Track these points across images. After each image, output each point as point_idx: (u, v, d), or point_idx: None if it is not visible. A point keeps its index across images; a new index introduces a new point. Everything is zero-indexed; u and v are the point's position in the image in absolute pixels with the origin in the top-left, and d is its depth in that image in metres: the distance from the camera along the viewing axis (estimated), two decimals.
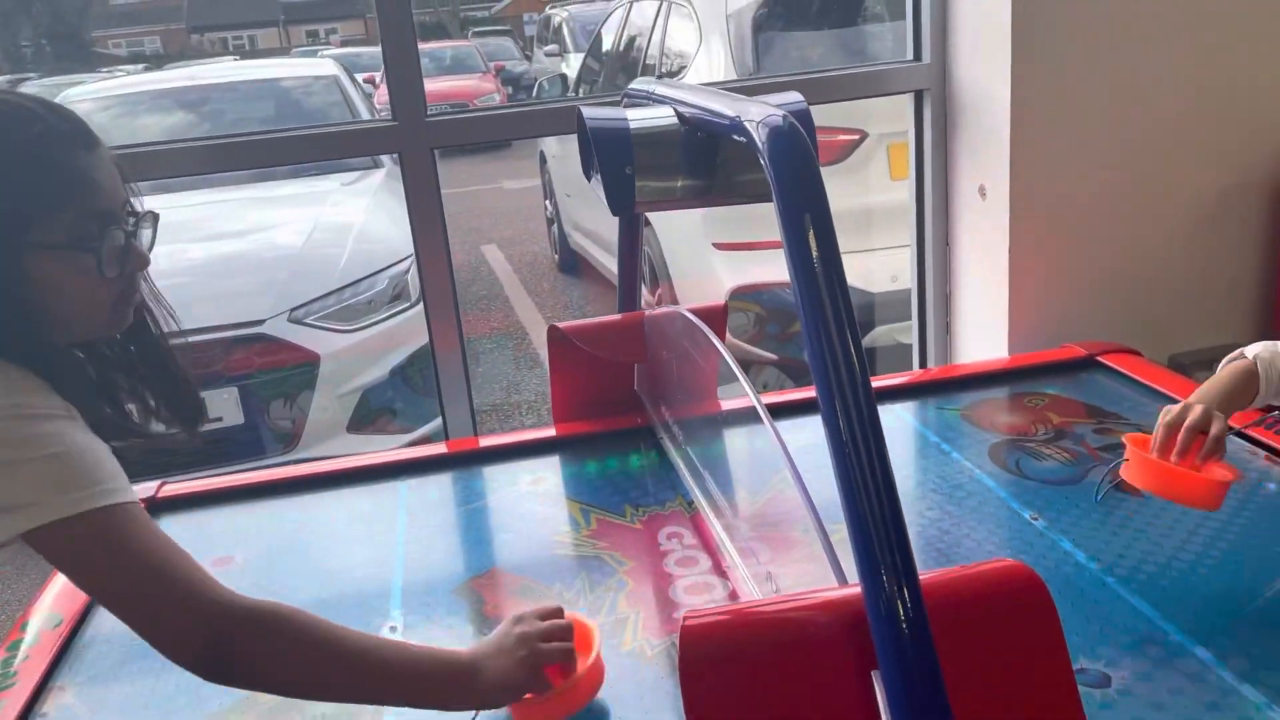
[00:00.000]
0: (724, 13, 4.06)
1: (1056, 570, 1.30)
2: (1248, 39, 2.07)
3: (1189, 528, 1.36)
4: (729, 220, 3.91)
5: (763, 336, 3.77)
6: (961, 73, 2.17)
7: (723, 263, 3.90)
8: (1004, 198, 2.09)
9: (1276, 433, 1.56)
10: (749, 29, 3.94)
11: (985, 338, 2.26)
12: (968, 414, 1.82)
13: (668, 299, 4.38)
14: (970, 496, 1.51)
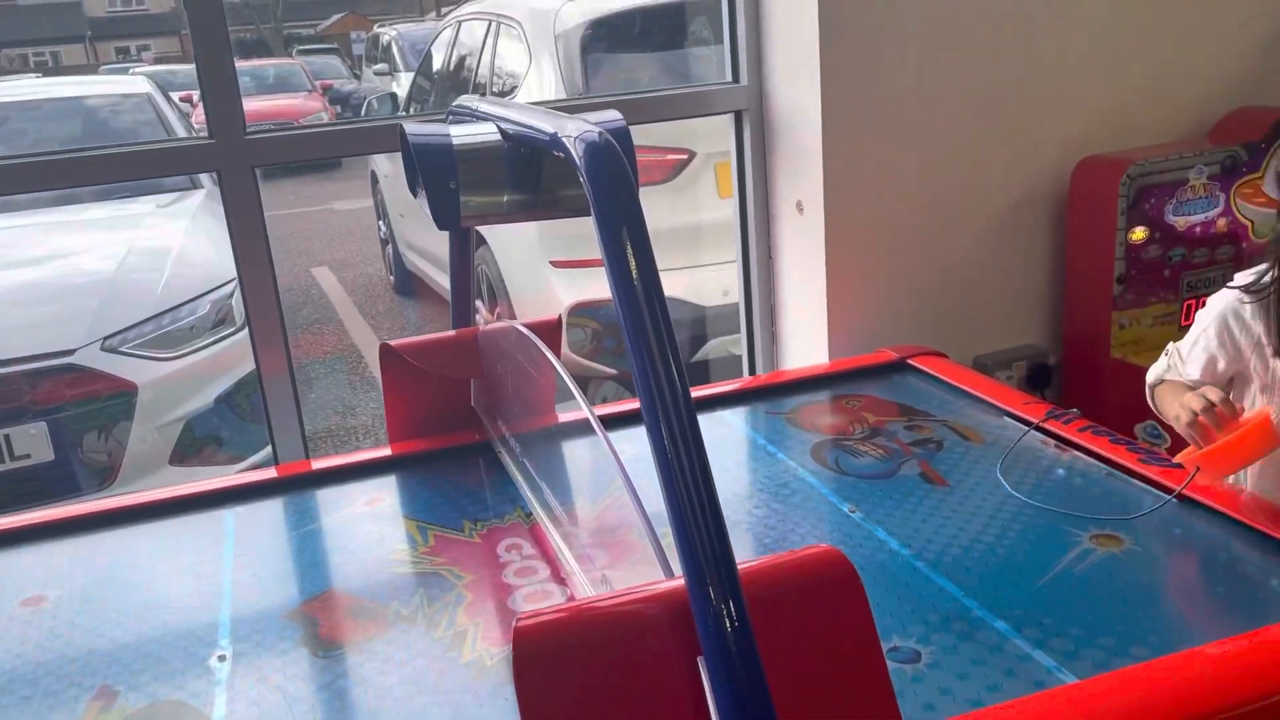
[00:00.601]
0: (552, 34, 4.12)
1: (872, 558, 1.39)
2: (1036, 66, 2.26)
3: (989, 513, 1.48)
4: (565, 238, 3.95)
5: (600, 351, 3.83)
6: (777, 94, 2.28)
7: (560, 280, 3.94)
8: (819, 213, 2.20)
9: (1064, 423, 1.71)
10: (577, 50, 4.00)
11: (808, 345, 2.37)
12: (792, 417, 1.91)
13: (506, 317, 4.39)
14: (795, 494, 1.59)
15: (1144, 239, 2.19)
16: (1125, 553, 1.35)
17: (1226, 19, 2.39)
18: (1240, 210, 2.24)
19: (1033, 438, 1.71)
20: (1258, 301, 1.48)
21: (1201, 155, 2.19)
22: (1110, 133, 2.33)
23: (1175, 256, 2.22)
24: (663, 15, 4.25)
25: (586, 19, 4.02)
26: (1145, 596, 1.27)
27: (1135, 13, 2.31)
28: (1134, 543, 1.37)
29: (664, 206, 3.88)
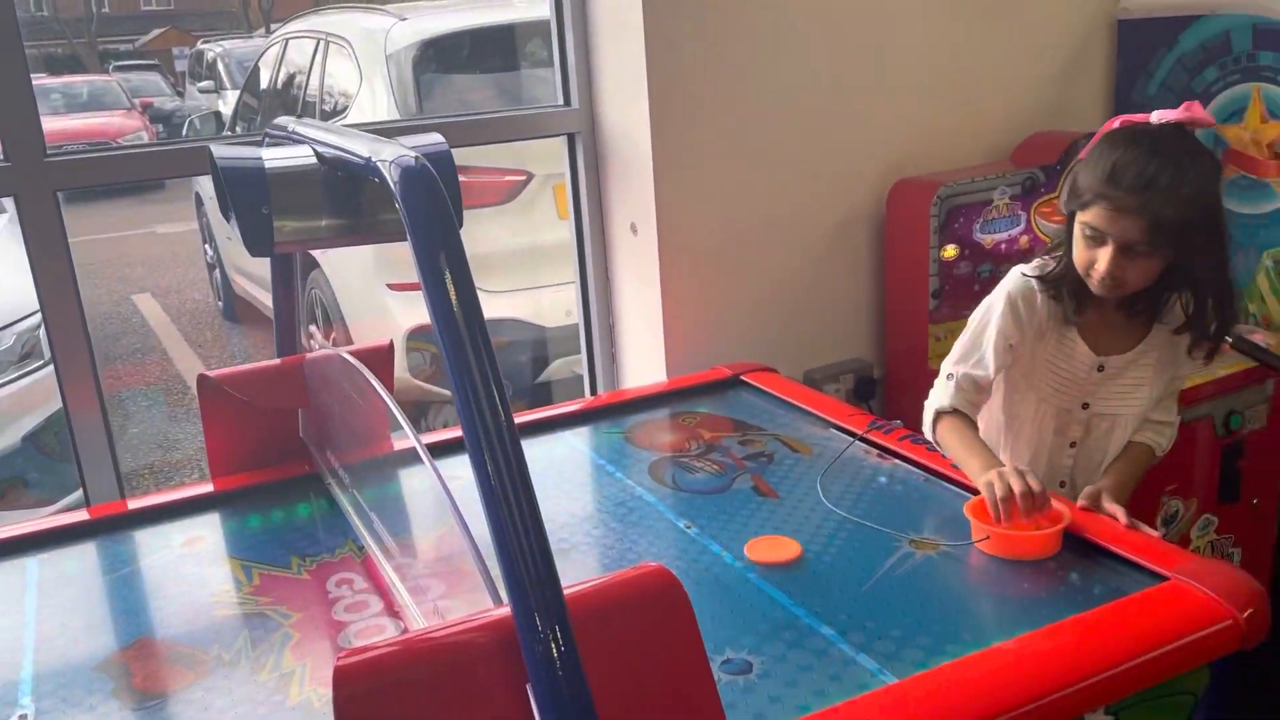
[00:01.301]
0: (383, 54, 4.04)
1: (707, 571, 1.41)
2: (854, 92, 2.36)
3: (816, 522, 1.53)
4: (403, 261, 3.87)
5: (441, 375, 3.77)
6: (608, 117, 2.31)
7: (398, 303, 3.86)
8: (653, 234, 2.24)
9: (885, 432, 1.79)
10: (410, 71, 3.95)
11: (647, 364, 2.40)
12: (631, 436, 1.93)
13: (342, 342, 4.26)
14: (633, 513, 1.60)
15: (955, 256, 2.32)
16: (942, 555, 1.42)
17: (1026, 48, 2.57)
18: (1039, 228, 2.41)
19: (858, 448, 1.78)
20: (1045, 290, 1.60)
21: (1004, 177, 2.34)
22: (922, 156, 2.47)
23: (984, 271, 2.36)
24: (497, 36, 4.23)
25: (418, 39, 3.97)
26: (959, 596, 1.34)
27: (944, 42, 2.45)
28: (948, 546, 1.44)
29: (503, 228, 3.87)
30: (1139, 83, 2.60)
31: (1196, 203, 1.42)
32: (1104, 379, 1.62)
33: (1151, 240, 1.44)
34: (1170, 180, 1.41)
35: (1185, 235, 1.43)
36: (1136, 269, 1.48)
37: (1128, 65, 2.63)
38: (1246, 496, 2.28)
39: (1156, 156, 1.43)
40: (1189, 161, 1.43)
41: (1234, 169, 2.43)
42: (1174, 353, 1.60)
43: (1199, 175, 1.43)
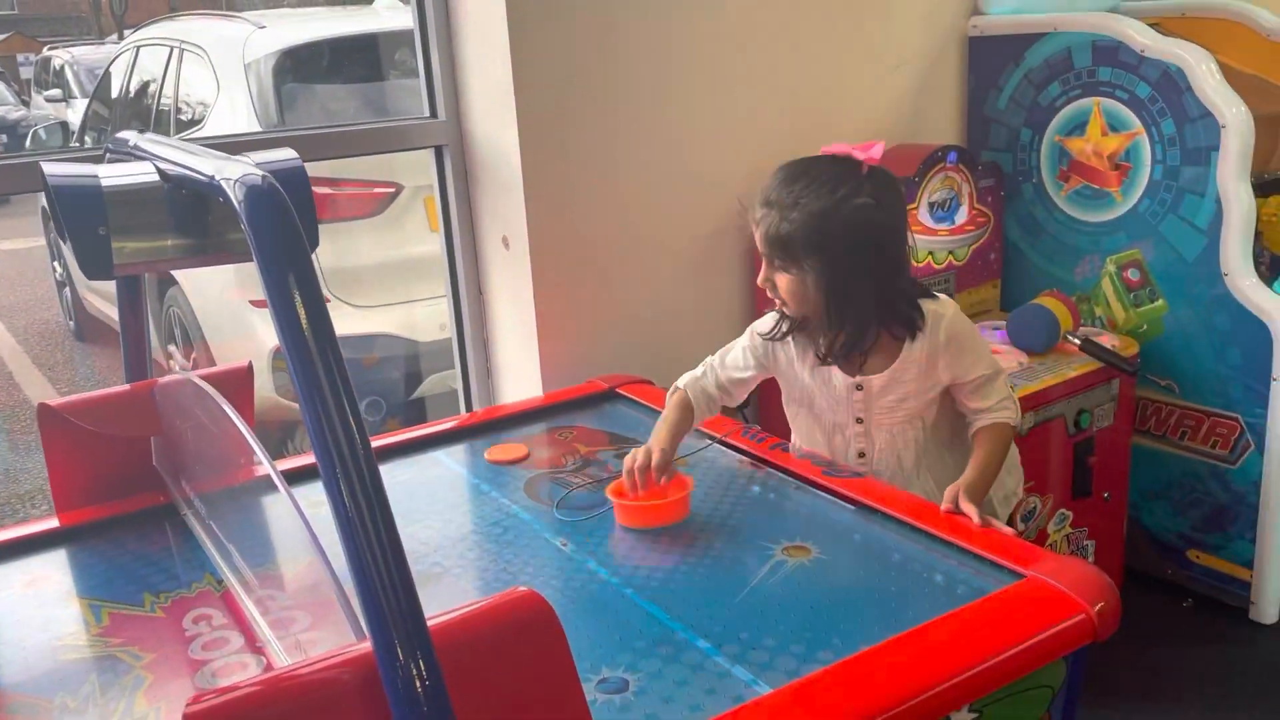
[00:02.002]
0: (241, 63, 3.90)
1: (584, 589, 1.40)
2: (715, 107, 2.39)
3: (693, 533, 1.53)
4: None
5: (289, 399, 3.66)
6: (476, 129, 2.28)
7: (262, 321, 3.72)
8: (524, 248, 2.22)
9: (757, 441, 1.81)
10: (270, 81, 3.82)
11: (523, 378, 2.37)
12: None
13: (204, 362, 4.09)
14: (508, 532, 1.58)
15: None
16: (813, 561, 1.44)
17: (881, 63, 2.66)
18: None
19: (732, 458, 1.80)
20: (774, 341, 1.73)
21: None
22: None
23: None
24: (363, 46, 4.14)
25: (278, 48, 3.84)
26: (831, 602, 1.36)
27: (801, 56, 2.51)
28: (821, 551, 1.47)
29: (373, 241, 3.78)
30: (989, 97, 2.72)
31: (809, 223, 1.53)
32: (867, 397, 1.67)
33: (768, 252, 1.59)
34: (788, 199, 1.56)
35: (795, 249, 1.55)
36: (782, 284, 1.60)
37: (979, 81, 2.74)
38: (1098, 491, 2.40)
39: (789, 180, 1.58)
40: (819, 187, 1.55)
41: (1078, 179, 2.57)
42: (932, 364, 1.64)
43: (822, 198, 1.54)
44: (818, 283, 1.57)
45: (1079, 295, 2.62)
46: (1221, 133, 2.26)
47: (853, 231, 1.55)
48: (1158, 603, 2.60)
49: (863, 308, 1.60)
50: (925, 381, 1.66)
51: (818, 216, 1.54)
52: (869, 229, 1.56)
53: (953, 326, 1.64)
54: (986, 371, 1.68)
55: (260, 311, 3.74)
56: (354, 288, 3.73)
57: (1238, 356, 2.35)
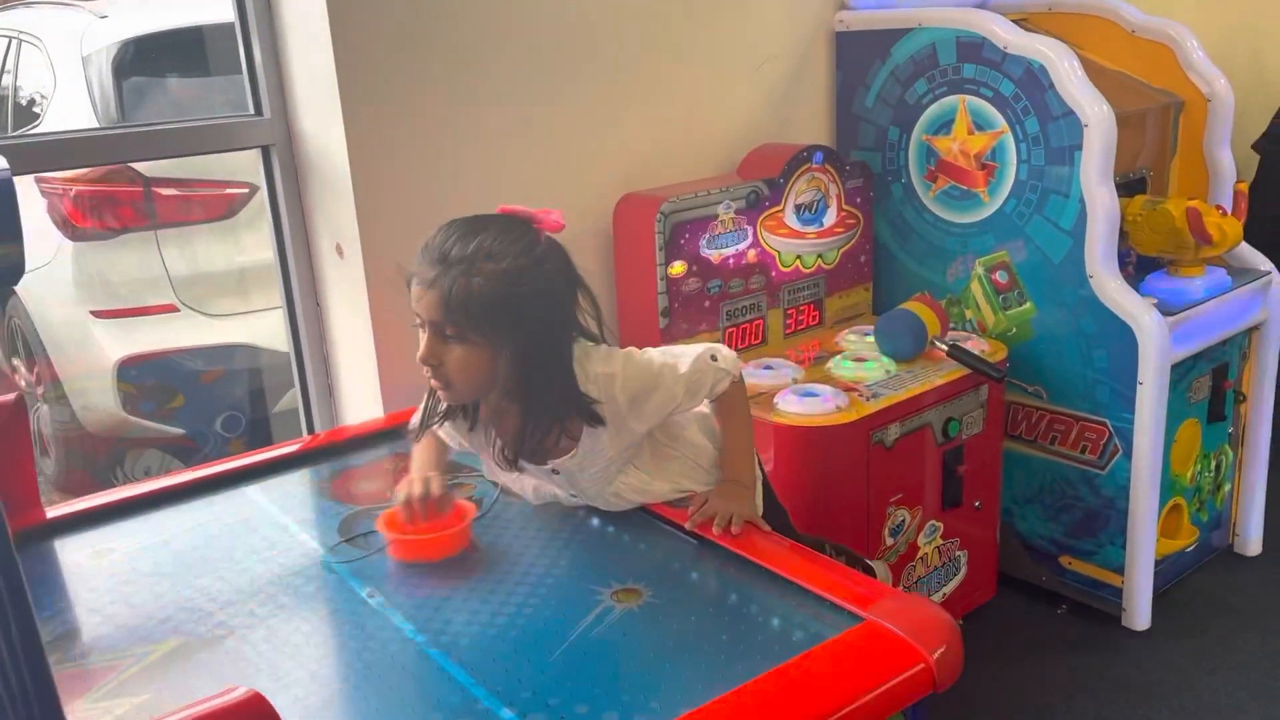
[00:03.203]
0: (79, 55, 3.62)
1: (383, 652, 1.25)
2: (569, 101, 2.25)
3: (515, 579, 1.39)
4: (107, 284, 3.49)
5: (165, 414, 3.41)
6: (305, 128, 2.10)
7: (106, 332, 3.47)
8: (359, 256, 2.04)
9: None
10: (109, 74, 3.54)
11: (366, 397, 2.20)
12: (327, 485, 1.74)
13: (46, 377, 3.80)
14: (310, 582, 1.41)
15: (683, 272, 2.25)
16: (643, 607, 1.32)
17: (748, 60, 2.55)
18: (767, 242, 2.38)
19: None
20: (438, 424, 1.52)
21: (728, 191, 2.29)
22: (649, 170, 2.39)
23: (713, 288, 2.31)
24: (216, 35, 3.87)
25: (119, 39, 3.57)
26: (657, 654, 1.24)
27: (665, 52, 2.39)
28: (652, 595, 1.34)
29: (226, 245, 3.55)
30: (858, 95, 2.64)
31: (504, 282, 1.31)
32: (568, 477, 1.50)
33: (442, 318, 1.32)
34: (473, 253, 1.32)
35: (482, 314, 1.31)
36: (456, 360, 1.34)
37: (847, 78, 2.66)
38: (968, 500, 2.34)
39: (470, 233, 1.35)
40: (510, 244, 1.34)
41: (945, 179, 2.50)
42: (620, 425, 1.45)
43: (517, 257, 1.33)
44: (509, 356, 1.34)
45: (950, 298, 2.56)
46: (1084, 131, 2.20)
47: (549, 295, 1.36)
48: (1032, 610, 2.56)
49: (557, 389, 1.39)
50: (623, 441, 1.47)
51: (515, 274, 1.32)
52: (559, 296, 1.38)
53: (628, 385, 1.43)
54: (681, 384, 1.48)
55: (103, 323, 3.48)
56: (207, 296, 3.50)
57: (1104, 360, 2.31)
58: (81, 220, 3.44)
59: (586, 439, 1.44)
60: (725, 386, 1.54)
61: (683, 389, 1.49)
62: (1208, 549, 2.67)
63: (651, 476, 1.53)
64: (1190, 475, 2.50)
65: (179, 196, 3.49)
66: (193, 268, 3.51)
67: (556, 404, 1.40)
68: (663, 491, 1.54)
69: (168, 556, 1.50)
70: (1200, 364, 2.43)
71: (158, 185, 3.43)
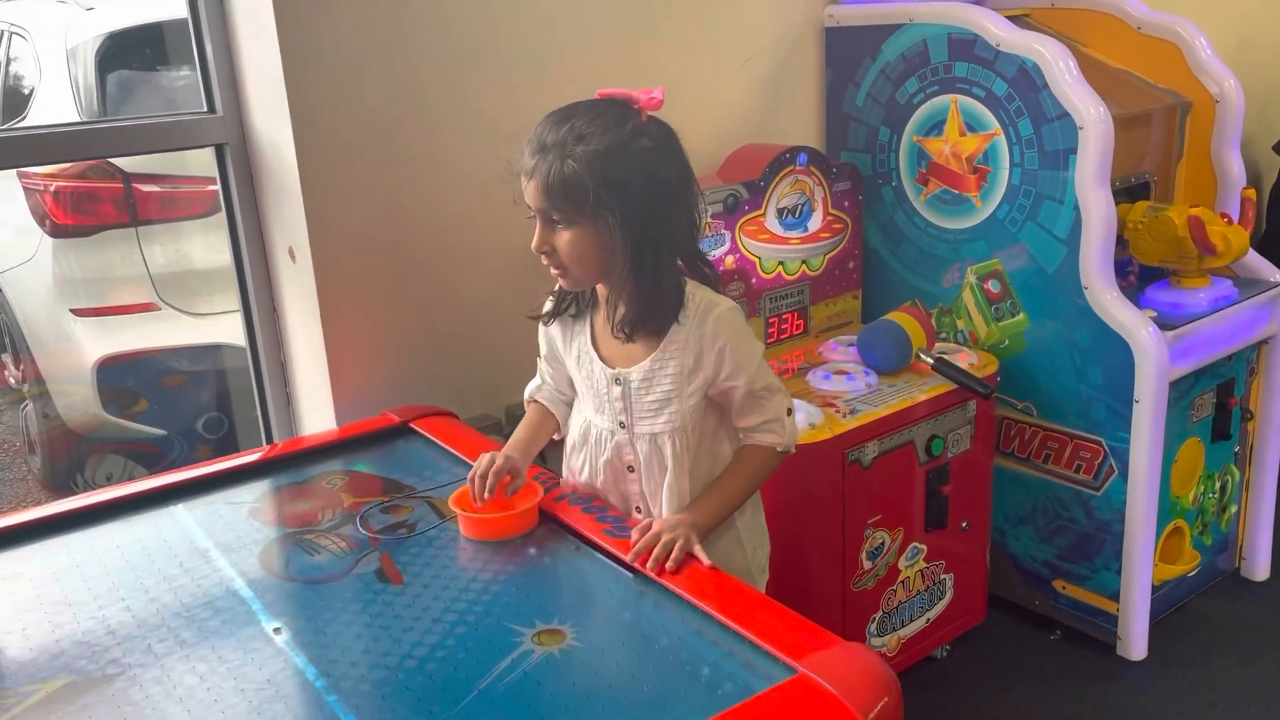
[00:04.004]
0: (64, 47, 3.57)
1: (276, 697, 1.15)
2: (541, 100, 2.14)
3: (434, 615, 1.30)
4: (87, 283, 3.43)
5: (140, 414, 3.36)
6: (258, 127, 2.01)
7: (86, 330, 3.41)
8: (308, 261, 1.96)
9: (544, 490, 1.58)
10: (93, 67, 3.48)
11: (320, 408, 2.11)
12: (258, 506, 1.65)
13: (30, 374, 3.76)
14: (216, 615, 1.32)
15: None
16: (564, 651, 1.21)
17: (729, 57, 2.44)
18: (746, 247, 2.27)
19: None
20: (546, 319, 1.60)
21: (704, 195, 2.17)
22: None
23: None
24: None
25: (103, 32, 3.50)
26: (571, 707, 1.13)
27: (640, 47, 2.28)
28: (578, 636, 1.24)
29: (211, 242, 3.48)
30: (848, 94, 2.52)
31: (599, 161, 1.32)
32: (627, 396, 1.48)
33: (547, 204, 1.36)
34: (568, 138, 1.34)
35: (583, 195, 1.33)
36: (565, 243, 1.38)
37: (837, 75, 2.54)
38: (955, 520, 2.22)
39: (562, 120, 1.37)
40: (601, 123, 1.35)
41: (937, 183, 2.38)
42: (697, 358, 1.44)
43: (609, 133, 1.34)
44: (612, 231, 1.35)
45: (942, 307, 2.44)
46: (1079, 134, 2.08)
47: (647, 172, 1.36)
48: (1024, 635, 2.44)
49: (664, 259, 1.40)
50: (687, 382, 1.45)
51: (607, 153, 1.33)
52: (660, 173, 1.38)
53: (725, 319, 1.44)
54: (758, 384, 1.47)
55: (83, 321, 3.43)
56: (190, 294, 3.44)
57: (1099, 375, 2.18)
58: (62, 216, 3.39)
59: (660, 354, 1.45)
60: (770, 440, 1.50)
61: (759, 383, 1.47)
62: (1212, 573, 2.54)
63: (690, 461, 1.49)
64: (1192, 497, 2.37)
65: (160, 193, 3.42)
66: (174, 266, 3.44)
67: (666, 283, 1.41)
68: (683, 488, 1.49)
69: (77, 583, 1.41)
70: (1204, 380, 2.30)
71: (138, 181, 3.37)
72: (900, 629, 2.20)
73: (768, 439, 1.49)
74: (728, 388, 1.46)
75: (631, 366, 1.46)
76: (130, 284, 3.40)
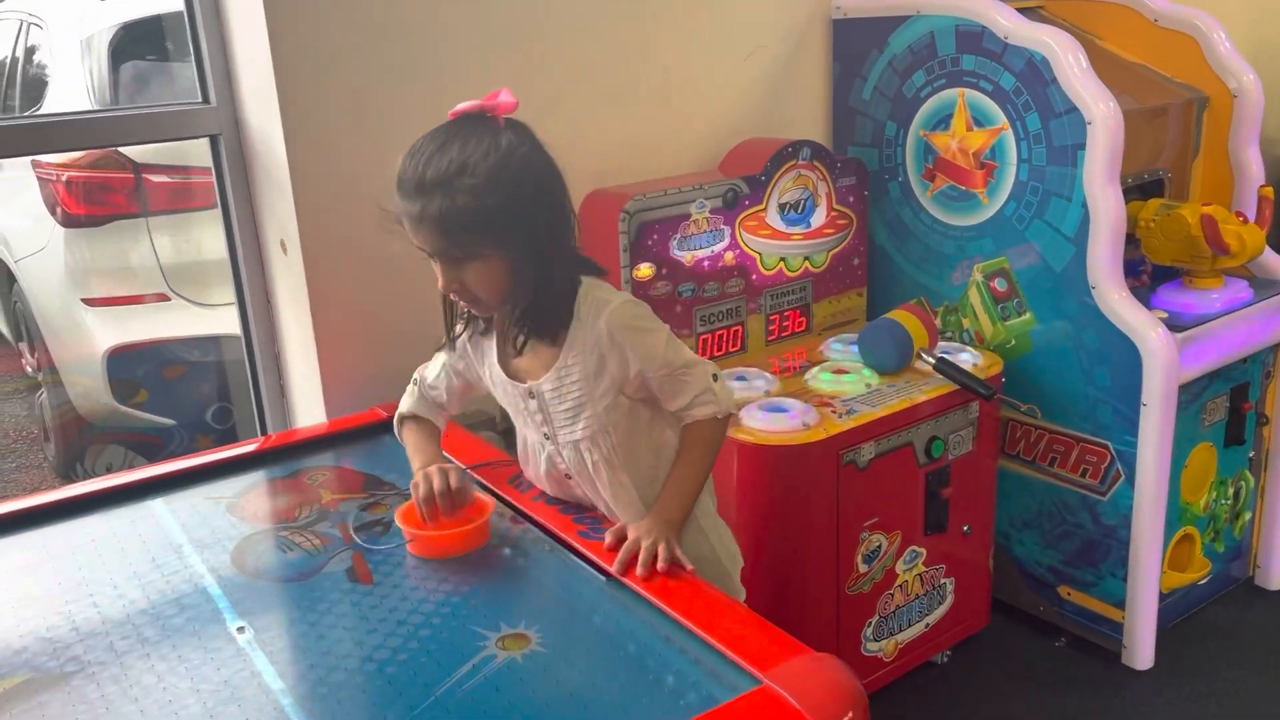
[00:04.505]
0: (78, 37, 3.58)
1: (234, 697, 1.14)
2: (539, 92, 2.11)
3: (400, 618, 1.27)
4: (98, 273, 3.44)
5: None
6: (251, 118, 1.99)
7: (97, 320, 3.43)
8: (298, 252, 1.94)
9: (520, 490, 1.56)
10: (106, 57, 3.49)
11: (314, 401, 2.10)
12: (237, 501, 1.63)
13: (44, 363, 3.79)
14: (184, 613, 1.31)
15: (651, 275, 2.11)
16: (528, 656, 1.19)
17: (733, 49, 2.39)
18: (746, 243, 2.23)
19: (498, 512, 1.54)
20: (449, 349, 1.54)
21: (702, 189, 2.14)
22: (623, 166, 2.25)
23: (685, 291, 2.17)
24: None
25: (117, 23, 3.51)
26: (532, 712, 1.11)
27: (641, 37, 2.24)
28: (543, 641, 1.21)
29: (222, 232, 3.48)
30: (855, 87, 2.47)
31: (488, 189, 1.26)
32: (544, 407, 1.44)
33: (446, 244, 1.30)
34: (448, 171, 1.27)
35: (481, 226, 1.27)
36: (475, 277, 1.32)
37: (844, 68, 2.49)
38: (956, 524, 2.17)
39: (437, 152, 1.29)
40: (477, 147, 1.28)
41: (944, 179, 2.33)
42: (599, 360, 1.39)
43: (489, 156, 1.28)
44: (518, 252, 1.31)
45: (948, 305, 2.39)
46: (1088, 129, 2.02)
47: (533, 181, 1.32)
48: (1028, 642, 2.38)
49: (557, 264, 1.36)
50: (595, 385, 1.40)
51: (494, 176, 1.27)
52: (543, 178, 1.34)
53: (617, 315, 1.38)
54: (675, 365, 1.41)
55: (95, 311, 3.44)
56: (200, 284, 3.44)
57: (1106, 377, 2.12)
58: (74, 206, 3.40)
59: (562, 363, 1.40)
60: (706, 412, 1.44)
61: (667, 367, 1.41)
62: (1225, 581, 2.47)
63: (622, 462, 1.45)
64: (1204, 503, 2.31)
65: (170, 184, 3.42)
66: (184, 256, 3.45)
67: (561, 287, 1.37)
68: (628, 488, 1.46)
69: (49, 578, 1.40)
70: (1216, 383, 2.23)
71: (149, 172, 3.37)
72: (898, 634, 2.16)
73: (704, 411, 1.44)
74: (643, 379, 1.41)
75: (541, 379, 1.42)
76: (141, 274, 3.41)
